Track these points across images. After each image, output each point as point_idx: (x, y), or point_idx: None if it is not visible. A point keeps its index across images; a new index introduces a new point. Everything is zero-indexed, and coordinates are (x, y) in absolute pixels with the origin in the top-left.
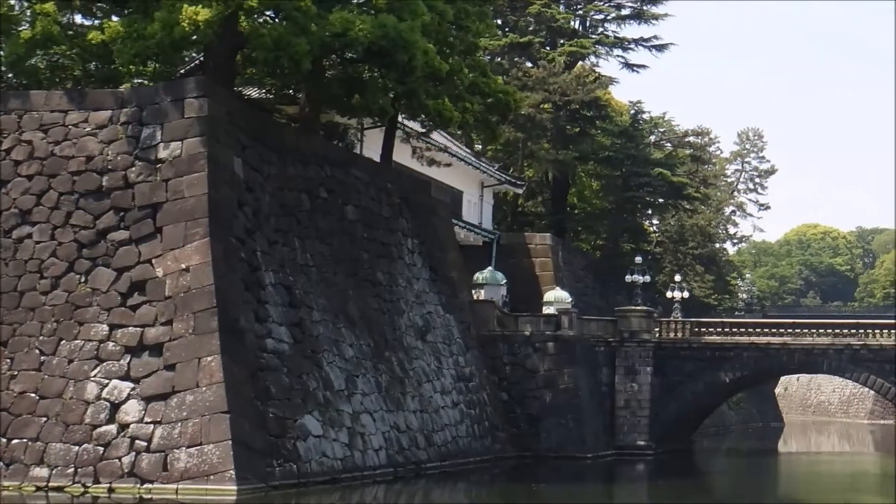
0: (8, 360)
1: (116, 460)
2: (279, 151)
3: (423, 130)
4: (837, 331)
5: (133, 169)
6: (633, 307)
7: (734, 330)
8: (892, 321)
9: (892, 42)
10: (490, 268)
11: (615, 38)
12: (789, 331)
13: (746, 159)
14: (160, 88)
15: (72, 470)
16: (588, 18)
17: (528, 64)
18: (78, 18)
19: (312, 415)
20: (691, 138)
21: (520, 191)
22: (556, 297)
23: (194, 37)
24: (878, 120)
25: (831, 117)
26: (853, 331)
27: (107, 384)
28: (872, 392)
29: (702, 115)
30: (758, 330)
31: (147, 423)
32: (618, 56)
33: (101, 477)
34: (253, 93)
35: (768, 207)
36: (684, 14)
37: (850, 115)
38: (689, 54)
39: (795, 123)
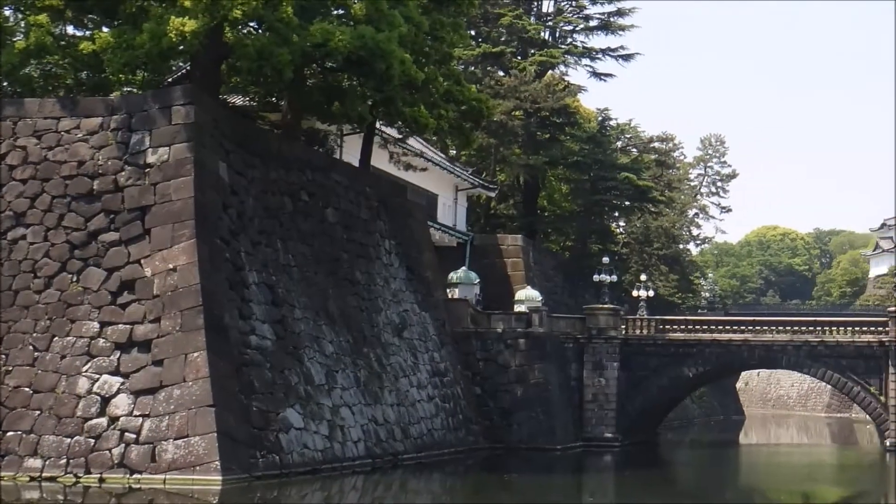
0: (3, 356)
1: (107, 452)
2: (262, 156)
3: (400, 136)
4: (796, 328)
5: (123, 173)
6: (601, 305)
7: (697, 327)
8: (848, 319)
9: (848, 48)
10: (464, 268)
11: (583, 48)
12: (750, 328)
13: (709, 164)
14: (148, 96)
15: (64, 461)
16: (557, 29)
17: (501, 73)
18: (70, 29)
19: (294, 408)
20: (656, 144)
21: (492, 194)
22: (527, 296)
23: (181, 47)
24: (836, 124)
25: (790, 123)
26: (811, 328)
27: (97, 379)
28: (829, 387)
29: (666, 121)
30: (720, 327)
31: (136, 416)
32: (586, 65)
33: (92, 468)
34: (237, 100)
35: (730, 210)
36: (650, 25)
37: (808, 120)
38: (655, 63)
39: (756, 129)
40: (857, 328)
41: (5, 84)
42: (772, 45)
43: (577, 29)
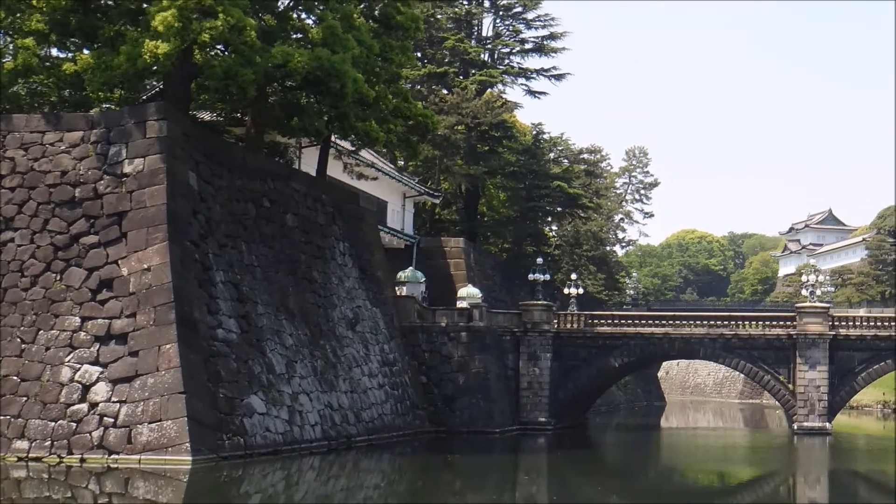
0: None
1: (87, 434)
2: (228, 167)
3: (353, 148)
4: (712, 322)
5: (102, 182)
6: (535, 302)
7: (623, 321)
8: (759, 314)
9: (758, 68)
10: (411, 268)
11: (519, 68)
12: (670, 322)
13: (633, 174)
14: (125, 112)
15: (49, 443)
16: (496, 52)
17: (444, 91)
18: (54, 51)
19: (257, 395)
20: (585, 155)
21: (437, 201)
22: (469, 293)
23: (155, 68)
24: (750, 137)
25: (708, 136)
26: (726, 322)
27: (79, 368)
28: (742, 375)
29: (594, 135)
30: (643, 321)
31: (114, 402)
32: (522, 84)
33: (74, 449)
34: (205, 116)
35: (652, 215)
36: (580, 47)
37: (724, 132)
38: (584, 82)
39: (676, 142)
40: (767, 322)
41: None
42: (691, 64)
43: (514, 51)
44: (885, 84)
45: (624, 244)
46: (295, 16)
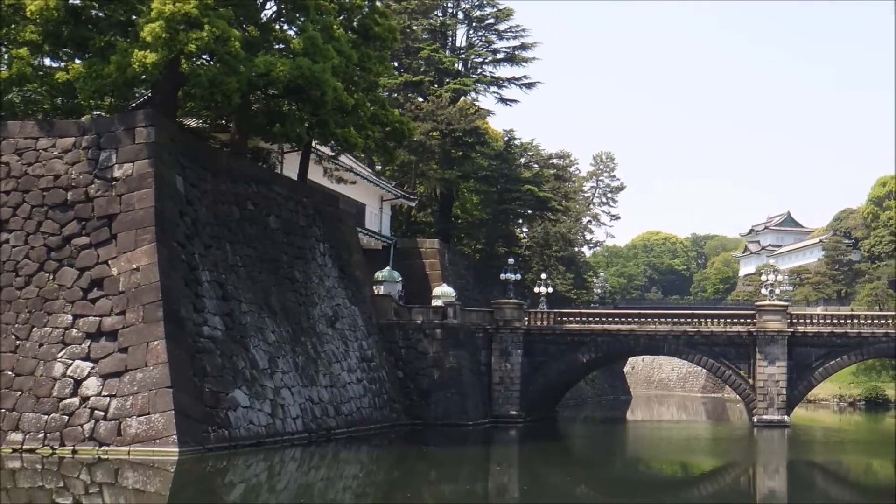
0: None
1: (79, 427)
2: (213, 171)
3: (333, 154)
4: (676, 320)
5: (92, 186)
6: (507, 300)
7: (590, 319)
8: (721, 312)
9: (720, 75)
10: (388, 268)
11: (492, 77)
12: (636, 320)
13: (600, 178)
14: (115, 119)
15: (42, 435)
16: (469, 61)
17: (420, 99)
18: (47, 61)
19: (241, 389)
20: (555, 160)
21: (413, 204)
22: (443, 292)
23: (143, 76)
24: (712, 142)
25: (672, 142)
26: (689, 320)
27: (71, 364)
28: (705, 370)
29: (563, 141)
30: (610, 319)
31: (104, 396)
32: (494, 92)
33: (66, 441)
34: (192, 122)
35: (618, 217)
36: (550, 57)
37: (687, 138)
38: (554, 90)
39: (642, 147)
40: (728, 320)
41: None
42: (655, 72)
43: (486, 61)
44: (842, 88)
45: (591, 245)
46: (277, 27)
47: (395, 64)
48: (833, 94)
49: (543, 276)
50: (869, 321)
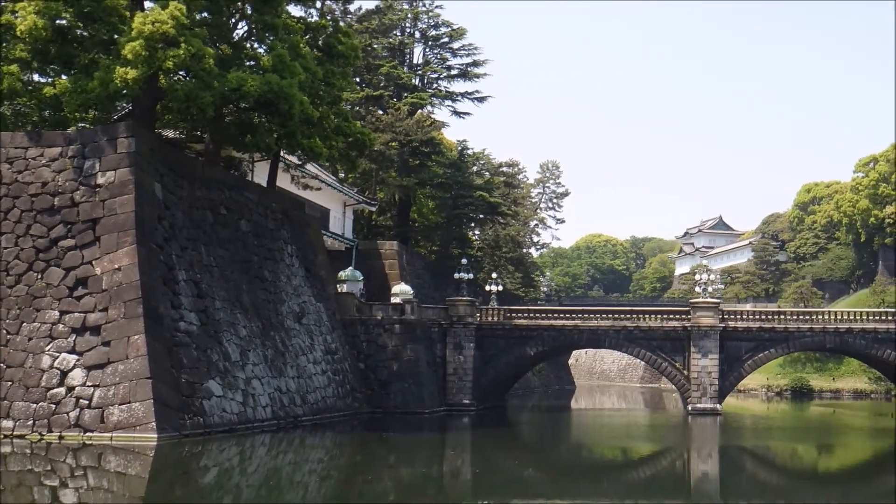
0: None
1: (65, 415)
2: (189, 178)
3: (300, 162)
4: (616, 316)
5: (78, 192)
6: (460, 298)
7: (537, 315)
8: (658, 308)
9: (659, 83)
10: (351, 267)
11: (446, 92)
12: (579, 316)
13: (547, 185)
14: (98, 130)
15: (31, 422)
16: (425, 77)
17: (380, 111)
18: (36, 77)
19: (215, 380)
20: (504, 168)
21: (373, 208)
22: (401, 290)
23: (125, 91)
24: (648, 151)
25: (612, 151)
26: (628, 316)
27: (58, 356)
28: (643, 363)
29: (512, 150)
30: (555, 315)
31: (88, 386)
32: (448, 105)
33: (54, 427)
34: (169, 133)
35: (563, 221)
36: (500, 73)
37: (626, 148)
38: (504, 104)
39: (585, 157)
40: (664, 316)
41: None
42: (596, 86)
43: (441, 77)
44: (769, 100)
45: (538, 247)
46: (248, 45)
47: (357, 79)
48: (761, 106)
49: (494, 275)
50: (794, 317)
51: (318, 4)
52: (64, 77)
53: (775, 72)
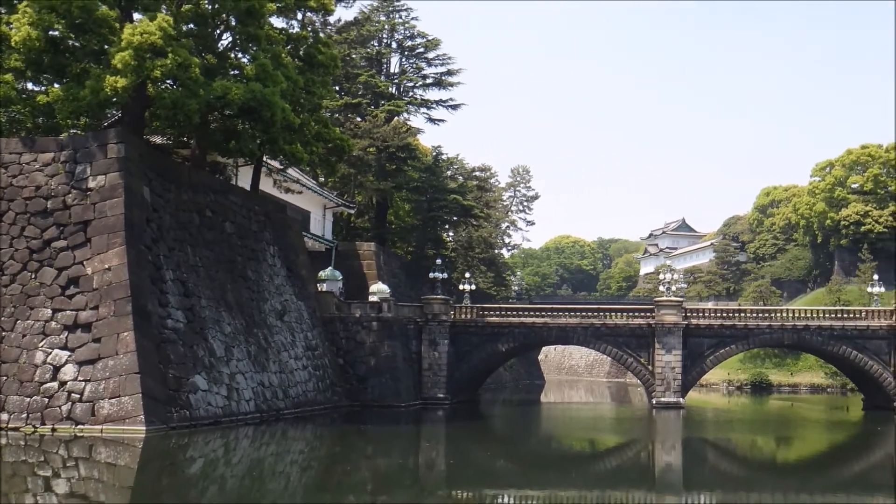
0: None
1: (57, 408)
2: (176, 182)
3: (281, 167)
4: (584, 314)
5: (70, 195)
6: (435, 296)
7: (508, 313)
8: (624, 306)
9: (625, 90)
10: (330, 267)
11: (422, 99)
12: (548, 314)
13: (518, 188)
14: (89, 137)
15: (25, 415)
16: (402, 85)
17: (358, 118)
18: (30, 85)
19: (201, 375)
20: (477, 173)
21: (352, 211)
22: (379, 289)
23: (114, 99)
24: (614, 155)
25: (580, 156)
26: (595, 314)
27: (51, 352)
28: (609, 358)
29: (485, 155)
30: (525, 313)
31: (80, 380)
32: (423, 113)
33: (47, 420)
34: (157, 139)
35: (533, 223)
36: (473, 82)
37: (594, 154)
38: (477, 111)
39: (554, 161)
40: (630, 314)
41: None
42: (564, 93)
43: (417, 85)
44: (731, 106)
45: (510, 248)
46: (232, 55)
47: (337, 88)
48: (722, 113)
49: (467, 275)
50: (754, 315)
51: (300, 16)
52: (56, 85)
53: (736, 79)
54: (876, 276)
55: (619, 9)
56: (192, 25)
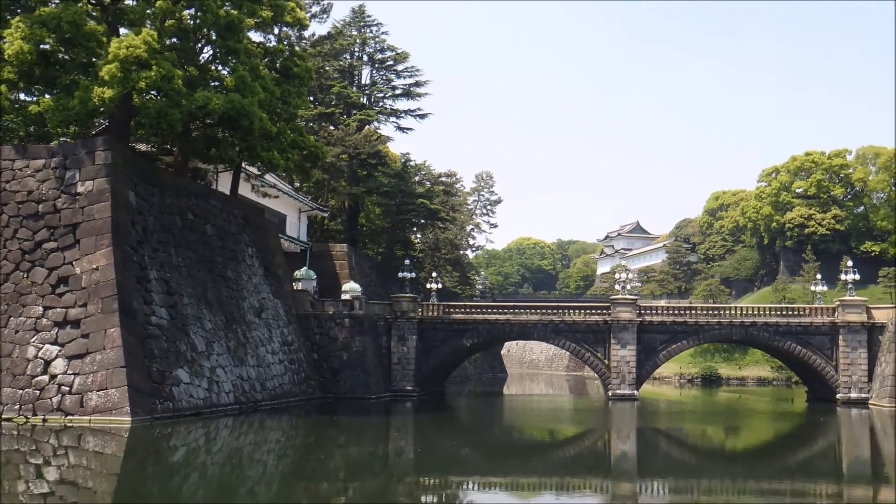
0: None
1: (48, 400)
2: (160, 187)
3: (259, 173)
4: (544, 311)
5: (60, 199)
6: (404, 294)
7: (473, 310)
8: (581, 304)
9: (579, 99)
10: (305, 267)
11: (391, 109)
12: (510, 311)
13: (481, 193)
14: (78, 144)
15: (17, 407)
16: (372, 96)
17: (332, 127)
18: (22, 96)
19: (183, 368)
20: (443, 178)
21: (325, 214)
22: (351, 288)
23: (102, 109)
24: (571, 161)
25: (541, 163)
26: (555, 311)
27: (42, 348)
28: (568, 353)
29: (450, 162)
30: (489, 310)
31: (69, 374)
32: (393, 122)
33: (38, 411)
34: (142, 147)
35: (496, 226)
36: (439, 93)
37: (552, 158)
38: (443, 120)
39: (515, 168)
40: (587, 311)
41: None
42: (524, 104)
43: (387, 96)
44: (680, 114)
45: (474, 249)
46: (213, 67)
47: (311, 98)
48: (673, 120)
49: (434, 274)
50: (704, 312)
51: (276, 31)
52: (47, 96)
53: (686, 88)
54: (819, 276)
55: (575, 27)
56: (174, 39)
